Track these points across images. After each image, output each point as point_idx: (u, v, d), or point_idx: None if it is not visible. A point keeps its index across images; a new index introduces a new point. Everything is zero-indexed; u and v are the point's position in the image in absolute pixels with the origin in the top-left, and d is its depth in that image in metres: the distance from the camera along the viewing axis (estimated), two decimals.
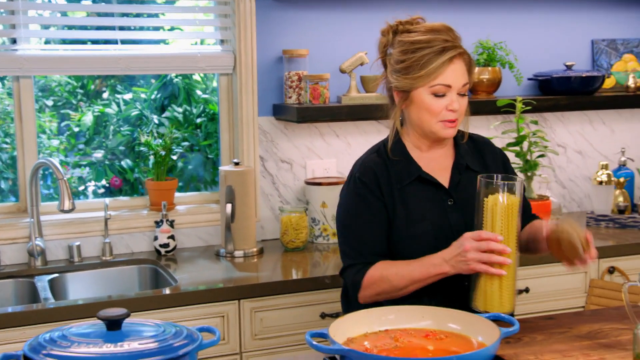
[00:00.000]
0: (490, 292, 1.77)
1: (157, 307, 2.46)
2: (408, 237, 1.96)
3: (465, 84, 1.94)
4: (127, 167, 3.29)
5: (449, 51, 1.91)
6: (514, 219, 1.76)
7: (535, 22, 3.54)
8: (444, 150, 2.06)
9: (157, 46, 3.09)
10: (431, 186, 2.00)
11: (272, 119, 3.18)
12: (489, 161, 2.08)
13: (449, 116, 1.93)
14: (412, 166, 2.00)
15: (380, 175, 2.00)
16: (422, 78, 1.91)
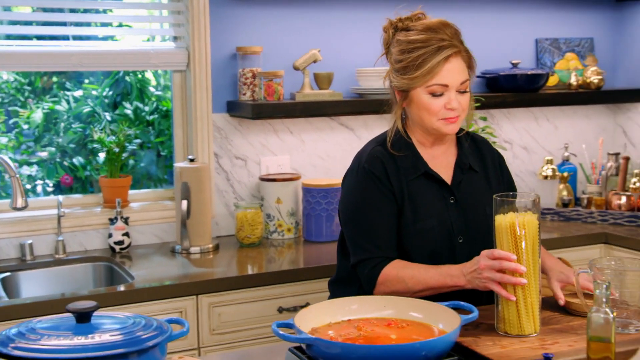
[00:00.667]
0: (508, 314, 1.73)
1: (113, 304, 2.45)
2: (415, 232, 1.97)
3: (465, 81, 1.94)
4: (78, 164, 3.25)
5: (445, 50, 1.91)
6: (527, 237, 1.71)
7: (483, 22, 3.63)
8: (446, 147, 2.07)
9: (109, 42, 3.08)
10: (435, 183, 2.01)
11: (226, 116, 3.19)
12: (488, 161, 2.09)
13: (448, 114, 1.93)
14: (419, 161, 2.01)
15: (388, 166, 1.99)
16: (419, 78, 1.92)
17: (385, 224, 1.96)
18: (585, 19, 3.87)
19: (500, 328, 1.75)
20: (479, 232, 1.97)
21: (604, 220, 3.36)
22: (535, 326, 1.73)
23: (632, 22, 3.85)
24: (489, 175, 2.07)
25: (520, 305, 1.71)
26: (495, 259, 1.72)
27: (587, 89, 3.70)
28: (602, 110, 3.92)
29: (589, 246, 3.19)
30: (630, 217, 3.30)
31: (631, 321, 1.73)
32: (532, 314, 1.72)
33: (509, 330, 1.73)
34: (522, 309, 1.71)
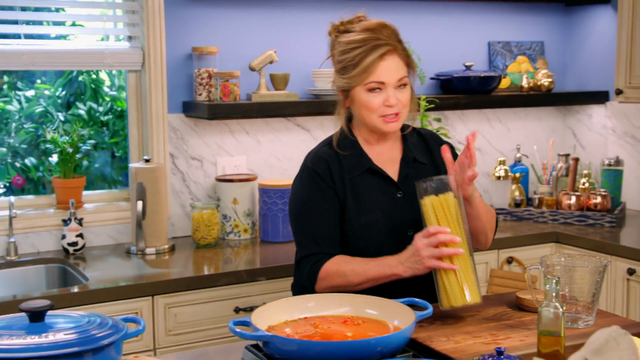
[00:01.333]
0: (450, 287, 1.80)
1: (67, 305, 2.42)
2: (359, 227, 2.01)
3: (402, 78, 1.99)
4: (30, 165, 3.21)
5: (380, 48, 1.97)
6: (450, 213, 1.82)
7: (436, 24, 3.68)
8: (391, 144, 2.12)
9: (62, 42, 3.04)
10: (381, 178, 2.06)
11: (182, 116, 3.18)
12: (437, 155, 2.12)
13: (387, 111, 1.99)
14: (363, 158, 2.06)
15: (332, 165, 2.05)
16: (357, 77, 1.98)
17: (327, 221, 2.02)
18: (536, 22, 3.95)
19: (445, 303, 1.82)
20: None
21: (554, 220, 3.43)
22: (477, 295, 1.82)
23: (581, 26, 3.94)
24: (438, 167, 2.11)
25: (460, 275, 1.80)
26: (431, 235, 1.81)
27: (538, 91, 3.77)
28: (552, 112, 4.00)
29: (541, 245, 3.26)
30: (580, 217, 3.38)
31: (580, 316, 1.78)
32: (471, 282, 1.81)
33: (453, 302, 1.80)
34: (463, 278, 1.80)
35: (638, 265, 2.92)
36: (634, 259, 2.93)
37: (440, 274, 1.82)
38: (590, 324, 1.78)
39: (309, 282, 2.00)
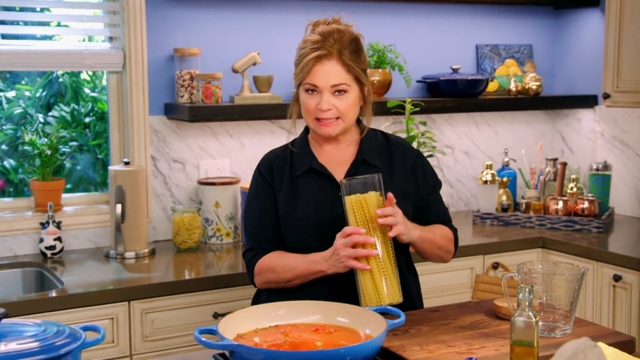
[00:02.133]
0: (365, 287, 1.82)
1: (42, 310, 2.38)
2: (292, 222, 2.03)
3: (337, 85, 1.97)
4: (10, 167, 3.16)
5: (317, 51, 1.97)
6: (369, 212, 1.84)
7: (423, 27, 3.64)
8: (345, 146, 2.10)
9: (42, 42, 2.99)
10: (324, 178, 2.05)
11: (164, 118, 3.13)
12: (397, 161, 2.11)
13: (320, 115, 1.99)
14: (308, 158, 2.07)
15: (275, 165, 2.10)
16: (297, 75, 2.03)
17: (264, 218, 2.07)
18: (524, 25, 3.91)
19: (362, 303, 1.82)
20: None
21: (541, 225, 3.39)
22: (395, 295, 1.82)
23: (570, 29, 3.91)
24: (394, 174, 2.09)
25: (376, 276, 1.81)
26: (347, 236, 1.84)
27: (526, 94, 3.74)
28: (541, 116, 3.97)
29: (527, 250, 3.22)
30: (567, 222, 3.34)
31: (557, 325, 1.74)
32: (389, 282, 1.82)
33: (369, 302, 1.81)
34: (378, 279, 1.81)
35: (624, 271, 2.88)
36: (620, 265, 2.90)
37: (358, 274, 1.84)
38: (568, 332, 1.74)
39: (249, 277, 2.08)
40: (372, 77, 3.40)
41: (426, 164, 2.17)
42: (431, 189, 2.14)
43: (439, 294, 3.03)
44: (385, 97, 3.48)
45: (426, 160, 2.19)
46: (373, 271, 1.81)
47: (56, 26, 3.05)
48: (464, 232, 3.35)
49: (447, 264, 3.02)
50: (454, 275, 3.07)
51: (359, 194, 1.86)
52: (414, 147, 2.20)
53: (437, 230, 2.07)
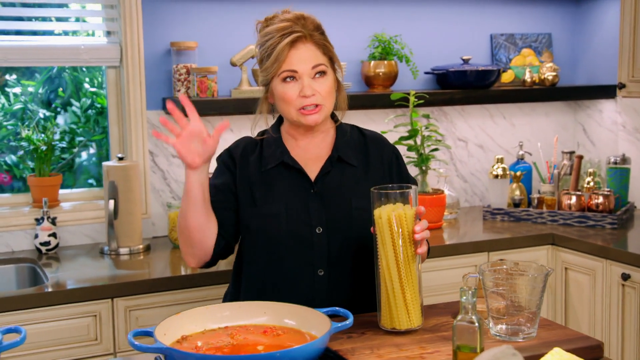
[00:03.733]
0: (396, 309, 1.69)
1: (21, 307, 2.36)
2: (258, 216, 1.96)
3: (317, 65, 1.91)
4: (11, 163, 3.17)
5: (290, 36, 1.90)
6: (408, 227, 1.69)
7: (433, 16, 3.54)
8: (320, 140, 2.03)
9: (37, 37, 2.99)
10: (296, 173, 1.98)
11: (162, 113, 3.10)
12: (373, 158, 2.04)
13: (304, 102, 1.91)
14: (280, 151, 2.00)
15: (244, 152, 2.02)
16: (270, 67, 1.92)
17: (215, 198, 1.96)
18: (543, 13, 3.77)
19: (388, 325, 1.70)
20: (340, 224, 1.94)
21: (553, 221, 3.26)
22: (420, 319, 1.71)
23: (591, 17, 3.75)
24: (370, 172, 2.01)
25: (409, 298, 1.68)
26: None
27: (542, 85, 3.60)
28: (561, 108, 3.82)
29: (536, 247, 3.09)
30: (580, 218, 3.20)
31: (522, 328, 1.64)
32: (418, 305, 1.70)
33: (398, 325, 1.68)
34: (411, 302, 1.68)
35: (633, 270, 2.74)
36: (629, 264, 2.76)
37: (388, 295, 1.70)
38: (533, 336, 1.64)
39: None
40: (377, 69, 3.32)
41: (402, 162, 2.09)
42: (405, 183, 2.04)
43: (439, 291, 2.92)
44: (391, 89, 3.39)
45: (402, 158, 2.11)
46: (405, 291, 1.67)
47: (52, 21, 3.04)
48: (473, 228, 3.24)
49: (449, 261, 2.95)
50: (456, 273, 2.96)
51: (399, 205, 1.70)
52: (391, 144, 2.12)
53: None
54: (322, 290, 1.91)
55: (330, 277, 1.91)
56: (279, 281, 1.93)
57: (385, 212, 1.69)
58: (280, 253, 1.93)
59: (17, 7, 2.94)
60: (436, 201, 3.17)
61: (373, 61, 3.33)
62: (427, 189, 3.19)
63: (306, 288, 1.91)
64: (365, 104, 3.24)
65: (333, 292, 1.91)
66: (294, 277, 1.92)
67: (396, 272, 1.67)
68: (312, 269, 1.92)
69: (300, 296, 1.88)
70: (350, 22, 3.38)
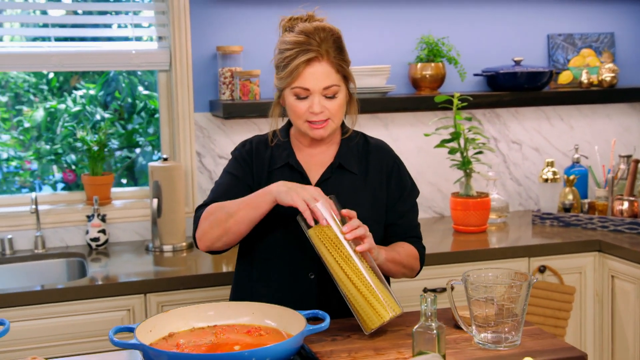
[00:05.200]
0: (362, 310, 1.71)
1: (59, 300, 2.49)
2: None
3: (329, 87, 1.93)
4: (70, 162, 3.35)
5: (307, 54, 1.91)
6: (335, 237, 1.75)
7: (482, 17, 3.49)
8: (325, 148, 2.07)
9: (90, 43, 3.14)
10: (298, 175, 2.02)
11: (209, 115, 3.20)
12: (372, 167, 2.06)
13: (312, 117, 1.94)
14: (286, 153, 2.04)
15: (258, 149, 2.07)
16: (284, 79, 1.95)
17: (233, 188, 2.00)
18: (605, 12, 3.65)
19: (364, 328, 1.72)
20: None
21: (604, 227, 3.16)
22: (394, 307, 1.71)
23: None
24: (369, 179, 2.03)
25: (366, 294, 1.70)
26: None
27: (600, 87, 3.49)
28: (624, 110, 3.69)
29: (582, 254, 3.01)
30: (631, 224, 3.09)
31: (506, 336, 1.62)
32: (380, 297, 1.71)
33: (370, 324, 1.70)
34: (370, 297, 1.70)
35: None
36: None
37: (350, 300, 1.73)
38: (516, 344, 1.62)
39: (194, 229, 1.98)
40: (424, 72, 3.31)
41: (403, 171, 2.10)
42: (400, 195, 2.06)
43: None
44: (438, 91, 3.37)
45: (404, 167, 2.11)
46: (362, 291, 1.70)
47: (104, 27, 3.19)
48: (520, 232, 3.18)
49: (486, 265, 2.91)
50: None
51: (318, 225, 1.75)
52: (394, 153, 2.13)
53: (401, 248, 1.99)
54: (313, 293, 1.94)
55: (321, 281, 1.94)
56: (271, 282, 1.97)
57: (312, 232, 1.76)
58: (274, 253, 1.97)
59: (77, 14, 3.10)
60: (480, 205, 3.13)
61: (420, 63, 3.32)
62: (471, 192, 3.15)
63: (297, 290, 1.94)
64: (408, 106, 3.23)
65: (323, 296, 1.94)
66: (286, 279, 1.96)
67: (345, 277, 1.71)
68: (304, 272, 1.95)
69: (291, 298, 1.91)
70: (397, 24, 3.38)
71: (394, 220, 2.04)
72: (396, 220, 2.04)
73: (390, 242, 2.03)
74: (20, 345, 2.46)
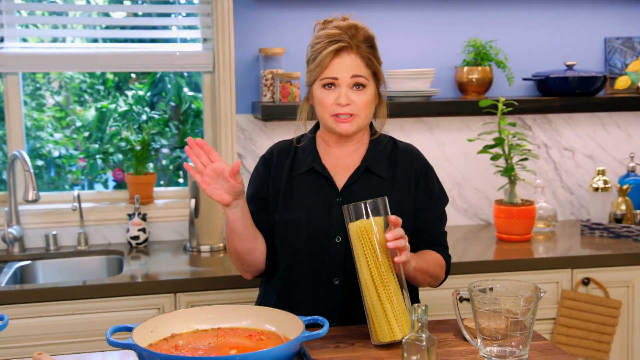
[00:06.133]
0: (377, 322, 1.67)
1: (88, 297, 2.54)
2: (281, 222, 1.99)
3: (356, 76, 1.91)
4: (117, 160, 3.41)
5: (336, 44, 1.91)
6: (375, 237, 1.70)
7: (533, 20, 3.38)
8: (353, 150, 2.04)
9: (134, 44, 3.19)
10: (324, 180, 2.00)
11: (251, 117, 3.21)
12: (400, 171, 2.02)
13: (338, 110, 1.92)
14: (311, 157, 2.02)
15: (278, 159, 2.06)
16: (313, 71, 1.94)
17: (252, 204, 2.03)
18: None
19: (373, 338, 1.68)
20: None
21: None
22: (407, 327, 1.65)
23: None
24: (396, 183, 1.99)
25: (387, 308, 1.65)
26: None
27: None
28: None
29: (628, 267, 2.87)
30: None
31: (513, 350, 1.55)
32: (399, 314, 1.65)
33: (381, 337, 1.66)
34: (390, 313, 1.65)
35: None
36: None
37: (369, 308, 1.69)
38: (524, 358, 1.55)
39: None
40: (470, 75, 3.23)
41: (432, 177, 2.04)
42: (427, 201, 2.01)
43: None
44: (486, 96, 3.28)
45: (433, 173, 2.06)
46: (383, 302, 1.66)
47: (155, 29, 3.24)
48: (567, 243, 3.07)
49: (528, 276, 2.82)
50: None
51: (363, 219, 1.72)
52: (424, 158, 2.08)
53: (429, 257, 1.94)
54: (337, 299, 1.91)
55: (346, 287, 1.91)
56: (296, 287, 1.96)
57: (354, 226, 1.70)
58: (298, 259, 1.95)
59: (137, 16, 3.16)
60: (524, 213, 3.03)
61: (466, 67, 3.24)
62: (515, 200, 3.06)
63: (321, 296, 1.92)
64: (452, 110, 3.17)
65: (348, 302, 1.91)
66: (310, 284, 1.94)
67: (372, 284, 1.65)
68: (328, 278, 1.92)
69: (316, 303, 1.89)
70: (443, 27, 3.31)
71: (420, 227, 2.00)
72: (423, 227, 1.99)
73: (416, 249, 1.99)
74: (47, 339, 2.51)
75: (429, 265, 1.90)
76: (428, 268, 1.89)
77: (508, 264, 2.80)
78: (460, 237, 3.18)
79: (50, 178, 3.50)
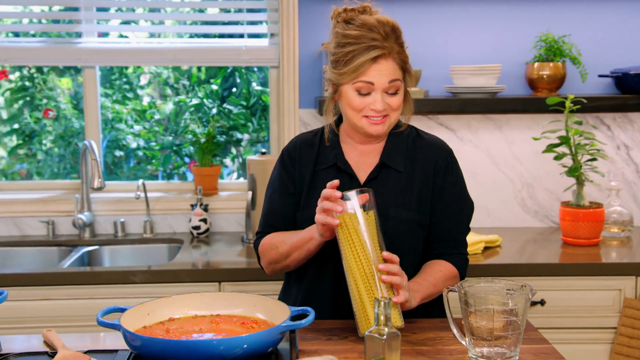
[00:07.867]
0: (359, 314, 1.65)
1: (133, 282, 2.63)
2: (303, 219, 1.97)
3: (393, 81, 1.86)
4: (187, 153, 3.51)
5: (374, 50, 1.85)
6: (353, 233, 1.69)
7: (612, 13, 3.20)
8: (377, 145, 2.00)
9: (202, 39, 3.28)
10: (346, 176, 1.97)
11: (314, 112, 3.23)
12: (420, 163, 1.97)
13: (371, 113, 1.88)
14: (335, 153, 2.00)
15: (302, 152, 2.03)
16: (347, 74, 1.87)
17: (279, 203, 2.01)
18: None
19: (359, 330, 1.65)
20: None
21: None
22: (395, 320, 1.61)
23: None
24: (414, 177, 1.93)
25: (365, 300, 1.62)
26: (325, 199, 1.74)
27: None
28: None
29: None
30: None
31: (504, 351, 1.48)
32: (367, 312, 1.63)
33: (363, 330, 1.62)
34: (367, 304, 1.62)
35: None
36: None
37: (352, 301, 1.67)
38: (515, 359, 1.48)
39: (257, 258, 2.05)
40: (541, 72, 3.11)
41: (455, 169, 1.98)
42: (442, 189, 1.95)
43: (572, 314, 2.69)
44: (557, 93, 3.15)
45: (457, 168, 1.99)
46: (361, 294, 1.63)
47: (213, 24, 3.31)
48: (633, 249, 2.90)
49: (589, 282, 2.69)
50: (597, 296, 2.69)
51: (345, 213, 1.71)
52: (450, 151, 2.01)
53: (439, 274, 1.87)
54: None
55: None
56: (303, 281, 1.95)
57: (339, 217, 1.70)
58: (319, 255, 1.94)
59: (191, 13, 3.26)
60: (591, 215, 2.89)
61: (537, 63, 3.12)
62: (582, 202, 2.91)
63: (341, 291, 1.89)
64: (517, 108, 3.06)
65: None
66: (326, 280, 1.92)
67: (352, 277, 1.64)
68: (334, 271, 1.90)
69: (321, 298, 1.88)
70: (513, 22, 3.20)
71: (436, 221, 1.94)
72: (438, 223, 1.94)
73: (430, 253, 1.95)
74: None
75: (437, 288, 1.84)
76: (437, 290, 1.85)
77: (561, 268, 2.68)
78: (529, 239, 3.07)
79: (130, 169, 3.64)
